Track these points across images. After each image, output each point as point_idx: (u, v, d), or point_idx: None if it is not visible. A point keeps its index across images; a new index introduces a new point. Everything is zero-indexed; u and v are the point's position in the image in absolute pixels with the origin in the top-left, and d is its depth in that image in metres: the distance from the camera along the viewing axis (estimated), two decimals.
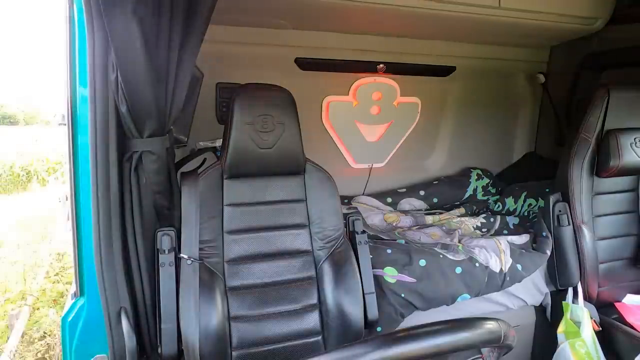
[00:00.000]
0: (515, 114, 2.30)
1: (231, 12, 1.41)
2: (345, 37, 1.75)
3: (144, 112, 0.92)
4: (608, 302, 1.61)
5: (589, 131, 1.56)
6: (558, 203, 1.59)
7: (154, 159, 0.98)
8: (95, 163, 0.92)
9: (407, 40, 1.85)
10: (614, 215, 1.63)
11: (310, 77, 1.84)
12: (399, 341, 0.51)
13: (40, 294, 3.85)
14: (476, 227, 1.91)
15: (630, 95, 1.57)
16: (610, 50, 1.83)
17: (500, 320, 0.57)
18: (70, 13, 0.92)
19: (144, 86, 0.88)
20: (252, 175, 1.23)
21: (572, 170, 1.58)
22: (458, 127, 2.24)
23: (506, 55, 2.07)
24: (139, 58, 0.85)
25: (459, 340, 0.52)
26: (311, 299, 1.21)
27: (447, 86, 2.13)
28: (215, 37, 1.39)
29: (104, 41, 0.86)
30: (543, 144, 2.32)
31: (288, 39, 1.70)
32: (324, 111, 1.98)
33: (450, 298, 1.43)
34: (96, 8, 0.83)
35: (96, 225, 0.95)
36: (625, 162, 1.50)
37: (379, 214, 1.97)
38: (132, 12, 0.82)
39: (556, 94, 2.12)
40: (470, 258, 1.48)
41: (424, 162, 2.29)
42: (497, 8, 1.44)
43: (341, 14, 1.49)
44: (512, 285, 1.52)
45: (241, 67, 1.73)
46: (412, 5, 1.39)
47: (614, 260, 1.63)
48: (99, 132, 0.91)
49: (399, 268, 1.40)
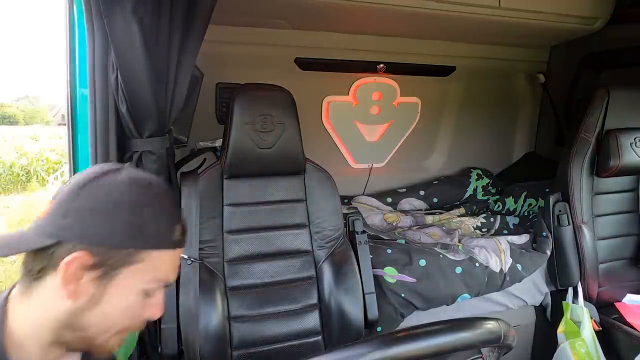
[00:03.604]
0: (515, 114, 2.30)
1: (231, 12, 1.40)
2: (345, 37, 1.75)
3: (144, 112, 0.92)
4: (608, 302, 1.60)
5: (589, 131, 1.56)
6: (558, 203, 1.59)
7: (154, 159, 0.98)
8: (95, 163, 0.92)
9: (407, 40, 1.85)
10: (614, 215, 1.63)
11: (310, 77, 1.84)
12: (399, 341, 0.51)
13: None
14: (476, 227, 1.91)
15: (630, 95, 1.57)
16: (610, 50, 1.83)
17: (500, 320, 0.57)
18: (70, 13, 0.92)
19: (144, 86, 0.88)
20: (252, 175, 1.23)
21: (572, 170, 1.58)
22: (458, 127, 2.24)
23: (506, 55, 2.07)
24: (139, 58, 0.85)
25: (459, 340, 0.52)
26: (311, 299, 1.21)
27: (447, 86, 2.13)
28: (215, 37, 1.38)
29: (104, 41, 0.86)
30: (543, 144, 2.31)
31: (288, 39, 1.70)
32: (324, 111, 1.98)
33: (450, 298, 1.43)
34: (96, 8, 0.83)
35: None
36: (625, 162, 1.50)
37: (379, 214, 1.97)
38: (132, 12, 0.82)
39: (556, 94, 2.12)
40: (470, 258, 1.48)
41: (424, 162, 2.29)
42: (497, 8, 1.44)
43: (341, 14, 1.49)
44: (512, 285, 1.52)
45: (241, 67, 1.73)
46: (412, 5, 1.39)
47: (614, 260, 1.63)
48: (99, 132, 0.91)
49: (399, 268, 1.40)
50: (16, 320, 0.53)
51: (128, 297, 0.54)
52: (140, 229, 0.53)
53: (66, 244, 0.50)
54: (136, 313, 0.56)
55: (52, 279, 0.51)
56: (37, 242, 0.51)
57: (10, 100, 22.09)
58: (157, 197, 0.56)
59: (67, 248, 0.50)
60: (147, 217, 0.54)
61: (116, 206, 0.52)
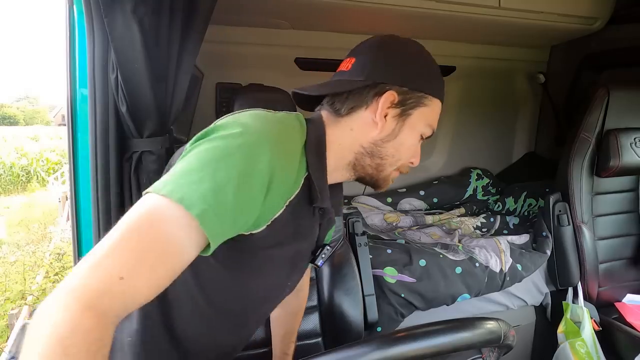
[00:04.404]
0: (515, 114, 2.30)
1: (231, 12, 1.41)
2: (345, 37, 1.75)
3: (144, 112, 0.92)
4: (608, 302, 1.61)
5: (589, 131, 1.56)
6: (558, 203, 1.59)
7: (154, 159, 0.98)
8: (95, 163, 0.91)
9: None
10: (614, 215, 1.63)
11: (310, 77, 1.84)
12: (399, 341, 0.51)
13: (40, 294, 3.85)
14: (476, 227, 1.91)
15: (630, 95, 1.57)
16: (610, 50, 1.83)
17: (500, 320, 0.57)
18: (70, 13, 0.92)
19: (144, 86, 0.88)
20: None
21: (572, 170, 1.58)
22: (458, 127, 2.24)
23: (506, 55, 2.07)
24: (139, 58, 0.85)
25: (459, 340, 0.52)
26: (311, 301, 1.21)
27: (447, 86, 2.10)
28: (215, 37, 1.39)
29: (104, 41, 0.86)
30: (543, 144, 2.32)
31: (288, 39, 1.70)
32: None
33: (450, 298, 1.43)
34: (96, 8, 0.83)
35: (96, 225, 0.94)
36: (625, 162, 1.50)
37: (379, 214, 1.97)
38: (132, 12, 0.82)
39: (556, 94, 2.12)
40: (470, 258, 1.48)
41: (424, 162, 2.29)
42: (497, 8, 1.44)
43: (341, 14, 1.49)
44: (512, 285, 1.52)
45: (241, 67, 1.73)
46: (412, 5, 1.39)
47: (614, 260, 1.63)
48: (99, 132, 0.90)
49: (399, 268, 1.40)
50: (329, 140, 0.65)
51: (414, 135, 0.68)
52: (430, 78, 0.68)
53: (379, 85, 0.64)
54: (413, 153, 0.70)
55: (362, 113, 0.65)
56: (356, 84, 0.65)
57: (11, 100, 22.11)
58: (434, 61, 0.70)
59: (379, 88, 0.64)
60: (433, 71, 0.69)
61: (414, 58, 0.67)
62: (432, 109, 0.68)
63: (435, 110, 0.69)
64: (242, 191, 0.50)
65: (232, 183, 0.48)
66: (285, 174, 0.56)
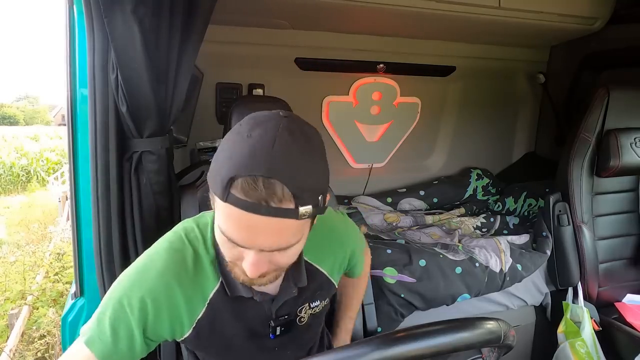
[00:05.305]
0: (515, 114, 2.30)
1: (231, 12, 1.40)
2: (345, 37, 1.75)
3: (144, 112, 0.92)
4: (608, 302, 1.61)
5: (589, 131, 1.56)
6: (558, 203, 1.59)
7: (154, 159, 0.98)
8: (95, 163, 0.91)
9: (407, 40, 1.85)
10: (614, 215, 1.63)
11: (310, 77, 1.84)
12: (399, 341, 0.51)
13: (40, 294, 3.85)
14: (476, 227, 1.91)
15: (630, 95, 1.57)
16: (609, 51, 1.83)
17: (500, 320, 0.57)
18: (70, 13, 0.92)
19: (144, 86, 0.88)
20: None
21: (572, 170, 1.58)
22: (458, 127, 2.24)
23: (506, 55, 2.07)
24: (139, 58, 0.85)
25: (459, 340, 0.52)
26: None
27: (447, 86, 2.13)
28: (215, 37, 1.39)
29: (104, 41, 0.86)
30: (543, 144, 2.32)
31: (288, 39, 1.70)
32: (323, 111, 1.98)
33: (450, 298, 1.43)
34: (96, 8, 0.83)
35: (96, 225, 0.94)
36: (625, 162, 1.50)
37: (379, 214, 1.97)
38: (132, 13, 0.82)
39: (556, 94, 2.12)
40: (470, 258, 1.48)
41: (424, 162, 2.29)
42: (497, 8, 1.44)
43: (341, 14, 1.49)
44: (512, 285, 1.52)
45: (241, 67, 1.73)
46: (412, 5, 1.39)
47: (614, 260, 1.63)
48: (99, 132, 0.90)
49: (399, 268, 1.40)
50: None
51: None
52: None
53: None
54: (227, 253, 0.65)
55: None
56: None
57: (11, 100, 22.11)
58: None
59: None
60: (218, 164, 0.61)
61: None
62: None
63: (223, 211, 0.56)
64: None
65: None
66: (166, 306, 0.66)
